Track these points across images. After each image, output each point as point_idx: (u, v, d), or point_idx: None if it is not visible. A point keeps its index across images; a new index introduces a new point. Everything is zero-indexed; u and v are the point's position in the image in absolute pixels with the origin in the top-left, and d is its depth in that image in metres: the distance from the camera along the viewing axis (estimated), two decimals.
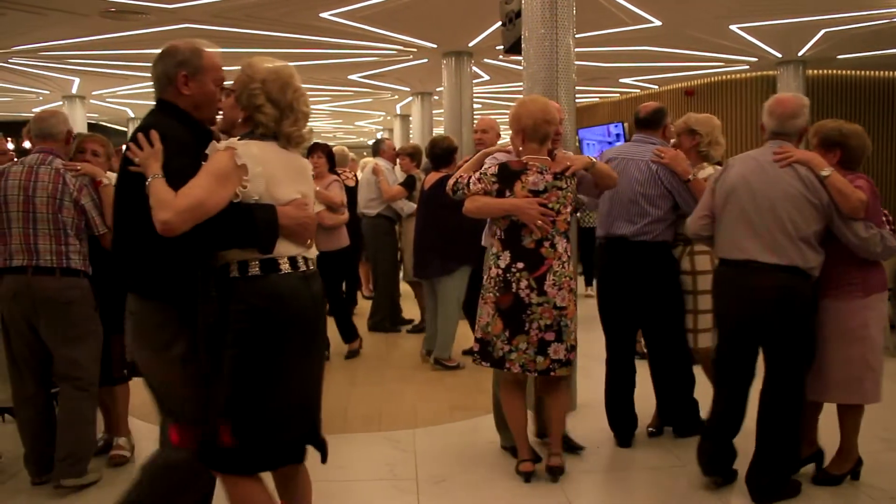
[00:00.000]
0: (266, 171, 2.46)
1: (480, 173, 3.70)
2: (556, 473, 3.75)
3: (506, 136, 4.44)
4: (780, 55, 10.83)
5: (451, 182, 3.81)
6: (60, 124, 3.81)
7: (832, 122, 3.65)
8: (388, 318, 7.52)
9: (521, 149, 3.70)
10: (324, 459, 2.69)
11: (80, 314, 3.68)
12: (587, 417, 4.70)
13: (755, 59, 11.11)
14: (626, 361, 4.31)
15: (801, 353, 3.47)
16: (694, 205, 3.88)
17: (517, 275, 3.59)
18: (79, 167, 3.77)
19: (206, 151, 2.48)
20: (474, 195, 3.69)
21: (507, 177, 3.64)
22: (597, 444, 4.27)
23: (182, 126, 2.57)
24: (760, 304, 3.43)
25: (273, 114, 2.53)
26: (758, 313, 3.45)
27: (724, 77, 12.52)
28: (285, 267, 2.49)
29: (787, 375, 3.47)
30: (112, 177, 3.83)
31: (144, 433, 4.55)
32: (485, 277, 3.76)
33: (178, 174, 2.36)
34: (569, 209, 3.67)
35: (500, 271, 3.63)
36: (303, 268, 2.54)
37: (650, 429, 4.42)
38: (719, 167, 3.89)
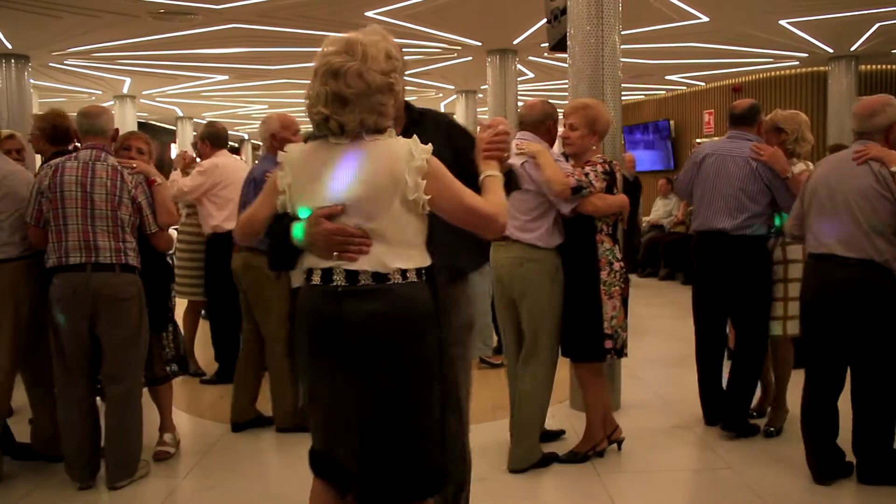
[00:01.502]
0: (292, 178, 2.20)
1: (594, 171, 3.75)
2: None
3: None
4: (831, 50, 10.59)
5: (569, 182, 3.67)
6: (110, 121, 3.83)
7: None
8: None
9: (594, 148, 3.88)
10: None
11: (135, 312, 3.69)
12: (632, 417, 4.69)
13: (805, 55, 10.89)
14: (717, 350, 4.46)
15: (888, 348, 3.52)
16: (792, 201, 4.03)
17: (623, 264, 3.91)
18: (134, 164, 3.81)
19: None
20: (600, 193, 3.78)
21: (612, 175, 3.82)
22: (641, 444, 4.24)
23: None
24: (836, 297, 3.55)
25: (310, 98, 2.18)
26: (834, 305, 3.57)
27: (773, 73, 12.30)
28: (315, 279, 2.19)
29: (875, 372, 3.54)
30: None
31: (190, 426, 4.66)
32: (605, 273, 3.81)
33: None
34: None
35: (621, 264, 3.88)
36: (338, 282, 2.15)
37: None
38: (810, 162, 4.31)
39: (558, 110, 4.00)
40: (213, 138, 5.67)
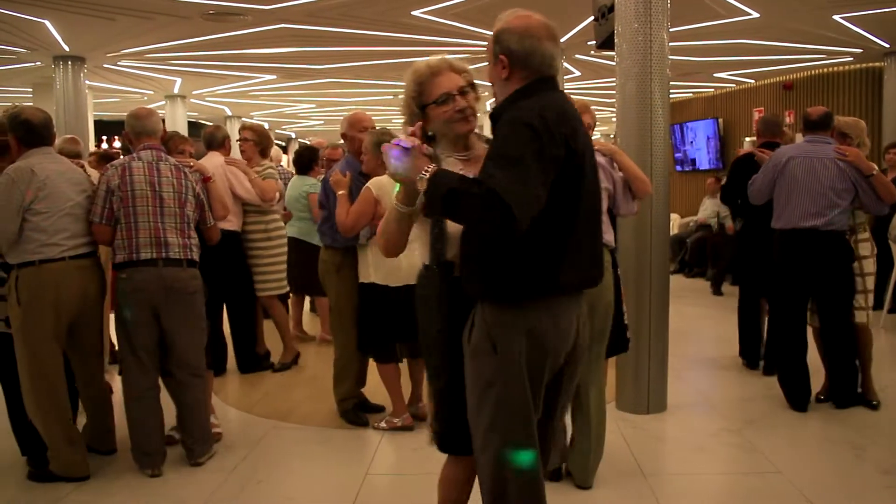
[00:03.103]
0: None
1: None
2: None
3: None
4: (887, 45, 10.31)
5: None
6: (160, 122, 4.00)
7: None
8: None
9: None
10: None
11: (200, 303, 3.92)
12: (678, 418, 4.65)
13: (860, 51, 10.61)
14: (802, 337, 4.76)
15: None
16: (874, 197, 4.51)
17: None
18: (192, 164, 4.07)
19: None
20: None
21: None
22: (688, 446, 4.21)
23: None
24: None
25: None
26: None
27: (825, 69, 12.00)
28: None
29: None
30: None
31: (238, 421, 4.74)
32: (620, 269, 3.88)
33: None
34: None
35: None
36: None
37: (819, 396, 4.89)
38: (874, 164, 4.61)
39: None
40: (203, 140, 5.82)
